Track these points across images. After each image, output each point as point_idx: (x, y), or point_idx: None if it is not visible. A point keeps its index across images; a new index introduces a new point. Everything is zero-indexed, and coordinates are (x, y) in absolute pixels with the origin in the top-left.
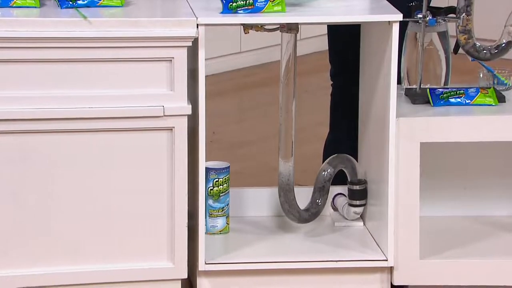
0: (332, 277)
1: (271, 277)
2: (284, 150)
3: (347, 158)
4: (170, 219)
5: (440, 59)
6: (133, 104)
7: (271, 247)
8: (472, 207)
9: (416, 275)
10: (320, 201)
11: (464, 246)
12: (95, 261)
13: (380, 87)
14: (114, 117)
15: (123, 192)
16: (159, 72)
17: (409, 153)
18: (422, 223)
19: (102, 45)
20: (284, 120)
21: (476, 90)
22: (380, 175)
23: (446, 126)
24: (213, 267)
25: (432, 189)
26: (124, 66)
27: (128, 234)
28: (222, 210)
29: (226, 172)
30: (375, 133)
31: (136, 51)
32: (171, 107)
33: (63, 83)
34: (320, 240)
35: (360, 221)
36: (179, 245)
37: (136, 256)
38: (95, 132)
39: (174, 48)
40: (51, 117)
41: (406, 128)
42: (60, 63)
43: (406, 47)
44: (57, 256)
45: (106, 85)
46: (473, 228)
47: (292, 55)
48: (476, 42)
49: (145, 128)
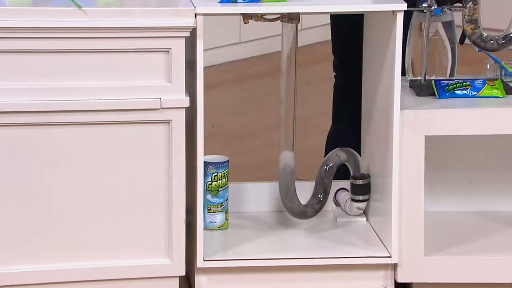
0: (334, 274)
1: (272, 274)
2: (285, 143)
3: (350, 152)
4: (168, 215)
5: (446, 50)
6: (129, 96)
7: (271, 243)
8: (479, 202)
9: (421, 273)
10: (321, 196)
11: (471, 243)
12: (90, 258)
13: (384, 78)
14: (109, 109)
15: (119, 187)
16: (156, 64)
17: (414, 147)
18: (427, 218)
19: (97, 35)
20: (285, 112)
21: (483, 82)
22: (384, 169)
23: (452, 118)
24: (211, 264)
25: (438, 184)
26: (120, 57)
27: (124, 230)
28: (221, 205)
29: (225, 166)
30: (379, 126)
31: (132, 41)
32: (168, 100)
33: (56, 74)
34: (321, 236)
35: (363, 216)
36: (177, 242)
37: (132, 252)
38: (89, 125)
39: (171, 39)
40: (43, 110)
41: (411, 121)
42: (53, 54)
43: (410, 37)
44: (51, 252)
45: (101, 77)
46: (480, 223)
47: (293, 45)
48: (483, 32)
49: (141, 121)
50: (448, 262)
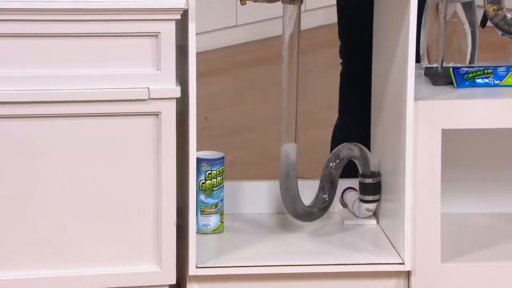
0: (341, 282)
1: (271, 282)
2: (286, 138)
3: (359, 147)
4: (157, 217)
5: (465, 34)
6: (114, 85)
7: (271, 248)
8: (501, 202)
9: (437, 281)
10: (327, 196)
11: (493, 247)
12: (72, 265)
13: (396, 66)
14: (90, 100)
15: (102, 187)
16: (143, 49)
17: (429, 141)
18: (444, 221)
19: (77, 18)
20: (287, 104)
21: (507, 69)
22: (396, 166)
23: (472, 110)
24: (205, 271)
25: (456, 183)
26: (102, 42)
27: (108, 235)
28: (216, 207)
29: (220, 163)
30: (391, 118)
31: (116, 24)
32: (157, 89)
33: (33, 61)
34: (327, 240)
35: (373, 219)
36: (167, 247)
37: (118, 259)
38: (67, 117)
39: (160, 22)
40: (15, 101)
41: (426, 113)
42: (28, 38)
43: (426, 20)
44: (29, 258)
45: (82, 64)
46: (502, 227)
47: (295, 29)
48: (507, 14)
49: (127, 113)
50: (468, 269)
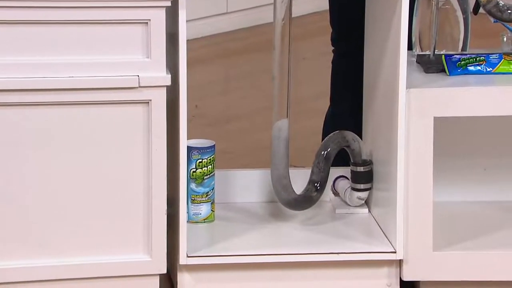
0: (333, 271)
1: (263, 271)
2: (279, 113)
3: (350, 136)
4: (147, 206)
5: (458, 21)
6: (103, 73)
7: (262, 237)
8: (494, 191)
9: (429, 270)
10: (318, 185)
11: (485, 236)
12: (62, 254)
13: (388, 53)
14: (80, 88)
15: (92, 176)
16: (133, 37)
17: (421, 129)
18: (436, 209)
19: (65, 4)
20: (278, 92)
21: (499, 57)
22: (388, 154)
23: (464, 98)
24: (196, 260)
25: (448, 171)
26: (91, 30)
27: (99, 223)
28: (207, 195)
29: (211, 151)
30: (383, 106)
31: (105, 11)
32: (147, 77)
33: (21, 48)
34: (319, 229)
35: (364, 207)
36: (157, 236)
37: (108, 248)
38: (57, 105)
39: (150, 9)
40: (5, 88)
41: (418, 101)
42: (16, 25)
43: (418, 6)
44: (18, 247)
45: (70, 52)
46: (495, 215)
47: (286, 16)
48: (499, 1)
49: (117, 101)
50: (460, 257)
